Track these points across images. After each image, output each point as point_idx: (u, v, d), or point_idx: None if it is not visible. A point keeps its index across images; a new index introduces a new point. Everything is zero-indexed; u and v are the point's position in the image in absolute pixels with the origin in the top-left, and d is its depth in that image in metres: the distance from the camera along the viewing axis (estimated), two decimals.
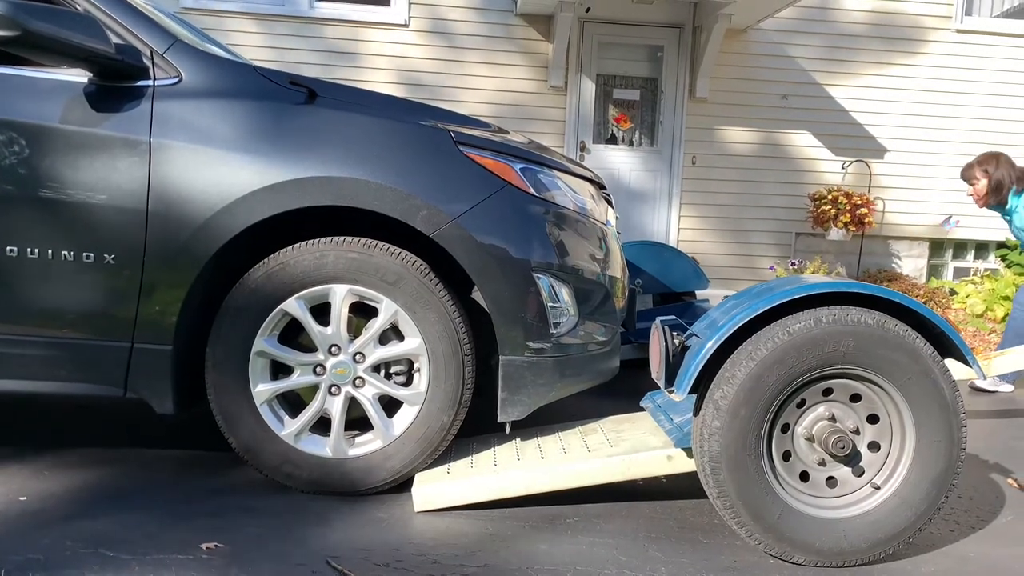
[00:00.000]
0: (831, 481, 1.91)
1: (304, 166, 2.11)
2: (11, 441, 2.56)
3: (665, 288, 3.98)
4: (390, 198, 2.14)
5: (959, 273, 7.30)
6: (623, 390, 3.42)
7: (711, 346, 1.83)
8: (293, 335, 2.21)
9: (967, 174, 4.06)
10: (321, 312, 2.17)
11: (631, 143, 6.88)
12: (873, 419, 1.91)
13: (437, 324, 2.17)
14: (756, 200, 6.91)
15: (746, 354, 1.82)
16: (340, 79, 5.98)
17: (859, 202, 6.54)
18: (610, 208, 2.84)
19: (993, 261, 7.32)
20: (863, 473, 1.91)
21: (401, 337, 2.21)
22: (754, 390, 1.81)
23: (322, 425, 2.22)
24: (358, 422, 2.23)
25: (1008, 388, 4.14)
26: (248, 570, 1.75)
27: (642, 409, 2.65)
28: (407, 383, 2.25)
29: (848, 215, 6.50)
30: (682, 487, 2.38)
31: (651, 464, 2.13)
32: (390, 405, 2.24)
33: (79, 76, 2.08)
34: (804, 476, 1.91)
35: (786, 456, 1.90)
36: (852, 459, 1.90)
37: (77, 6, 2.10)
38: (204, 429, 2.76)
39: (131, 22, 2.13)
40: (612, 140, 6.85)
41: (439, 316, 2.17)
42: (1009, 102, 7.08)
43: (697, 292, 4.14)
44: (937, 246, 7.29)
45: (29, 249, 2.05)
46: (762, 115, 6.84)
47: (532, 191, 2.28)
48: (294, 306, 2.15)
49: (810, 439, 1.89)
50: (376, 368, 2.22)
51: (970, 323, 5.96)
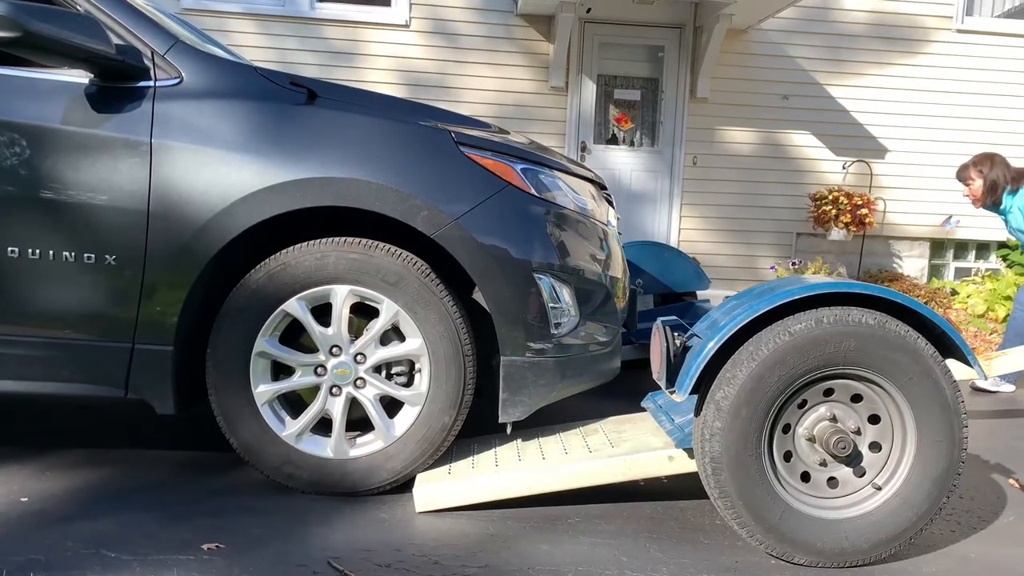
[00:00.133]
0: (832, 482, 1.91)
1: (305, 167, 2.11)
2: (12, 441, 2.56)
3: (666, 288, 3.98)
4: (391, 199, 2.14)
5: (960, 273, 7.30)
6: (624, 391, 3.42)
7: (712, 346, 1.83)
8: (294, 336, 2.21)
9: (962, 175, 4.08)
10: (322, 313, 2.17)
11: (632, 143, 6.88)
12: (874, 419, 1.90)
13: (438, 325, 2.17)
14: (757, 200, 6.91)
15: (747, 354, 1.82)
16: (340, 80, 5.98)
17: (860, 202, 6.54)
18: (611, 208, 2.84)
19: (994, 261, 7.32)
20: (864, 474, 1.91)
21: (402, 338, 2.21)
22: (755, 390, 1.81)
23: (323, 426, 2.22)
24: (359, 423, 2.24)
25: (1009, 388, 4.13)
26: (249, 570, 1.75)
27: (643, 410, 2.65)
28: (408, 384, 2.25)
29: (849, 215, 6.50)
30: (683, 488, 2.38)
31: (652, 464, 2.13)
32: (391, 406, 2.24)
33: (80, 77, 2.09)
34: (805, 476, 1.91)
35: (787, 456, 1.90)
36: (853, 460, 1.90)
37: (78, 7, 2.10)
38: (205, 430, 2.77)
39: (132, 23, 2.14)
40: (613, 140, 6.85)
41: (440, 317, 2.17)
42: (1010, 102, 7.07)
43: (698, 292, 4.14)
44: (938, 246, 7.29)
45: (30, 250, 2.05)
46: (763, 115, 6.84)
47: (533, 192, 2.28)
48: (295, 307, 2.15)
49: (811, 439, 1.89)
50: (377, 369, 2.22)
51: (971, 323, 5.95)
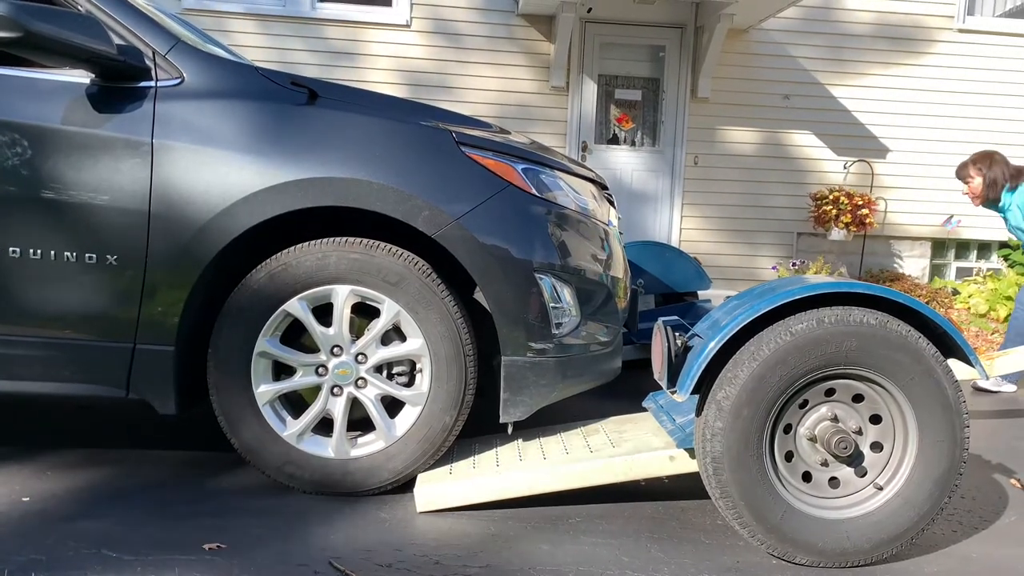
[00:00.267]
0: (834, 482, 1.91)
1: (306, 167, 2.11)
2: (14, 442, 2.56)
3: (667, 288, 3.98)
4: (392, 199, 2.14)
5: (962, 273, 7.29)
6: (625, 391, 3.42)
7: (713, 346, 1.83)
8: (295, 336, 2.21)
9: (962, 173, 4.08)
10: (323, 313, 2.17)
11: (633, 143, 6.87)
12: (876, 419, 1.90)
13: (439, 325, 2.17)
14: (758, 200, 6.90)
15: (749, 354, 1.81)
16: (341, 80, 5.98)
17: (860, 202, 6.53)
18: (612, 208, 2.84)
19: (996, 261, 7.31)
20: (866, 474, 1.90)
21: (403, 338, 2.21)
22: (757, 390, 1.81)
23: (324, 426, 2.22)
24: (360, 423, 2.24)
25: (1011, 388, 4.13)
26: (250, 570, 1.75)
27: (644, 410, 2.65)
28: (409, 384, 2.25)
29: (849, 215, 6.49)
30: (684, 488, 2.38)
31: (653, 465, 2.13)
32: (392, 406, 2.24)
33: (81, 77, 2.09)
34: (807, 476, 1.91)
35: (788, 457, 1.90)
36: (855, 459, 1.90)
37: (79, 7, 2.10)
38: (206, 430, 2.77)
39: (133, 23, 2.14)
40: (614, 140, 6.84)
41: (441, 317, 2.17)
42: (1011, 101, 7.06)
43: (699, 292, 4.14)
44: (939, 246, 7.28)
45: (32, 250, 2.06)
46: (764, 115, 6.84)
47: (534, 192, 2.28)
48: (296, 307, 2.15)
49: (813, 439, 1.89)
50: (378, 369, 2.22)
51: (973, 323, 5.95)
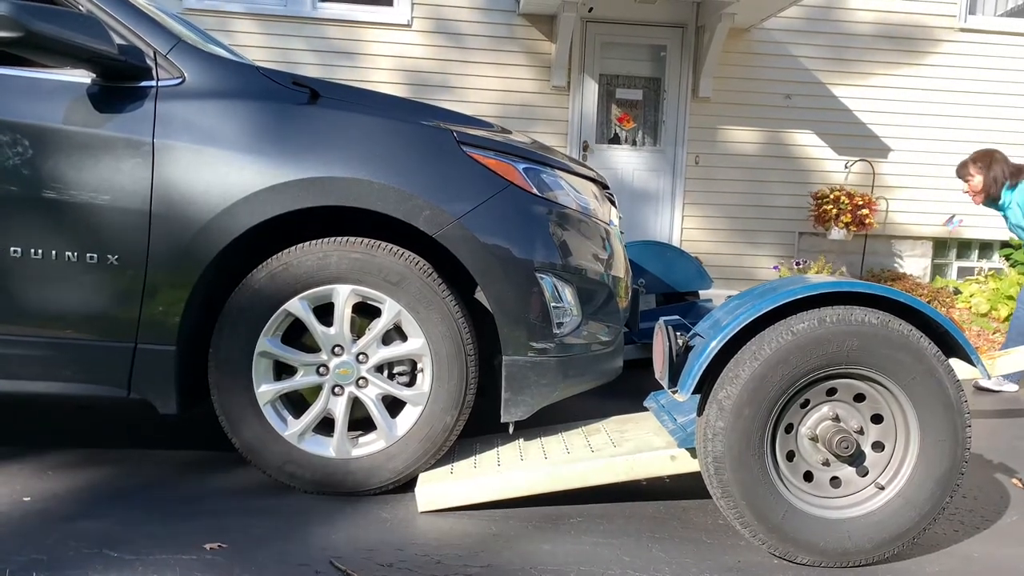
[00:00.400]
0: (835, 481, 1.91)
1: (307, 166, 2.11)
2: (14, 441, 2.57)
3: (668, 288, 3.98)
4: (393, 198, 2.14)
5: (963, 272, 7.29)
6: (626, 390, 3.42)
7: (715, 346, 1.83)
8: (296, 335, 2.21)
9: (962, 171, 4.08)
10: (324, 312, 2.17)
11: (634, 143, 6.87)
12: (877, 419, 1.90)
13: (440, 324, 2.17)
14: (759, 200, 6.90)
15: (750, 354, 1.81)
16: (343, 79, 5.98)
17: (860, 202, 6.52)
18: (613, 208, 2.84)
19: (997, 260, 7.30)
20: (867, 473, 1.90)
21: (404, 337, 2.21)
22: (758, 390, 1.80)
23: (325, 425, 2.22)
24: (361, 422, 2.23)
25: (1012, 387, 4.13)
26: (251, 570, 1.75)
27: (646, 409, 2.64)
28: (410, 383, 2.25)
29: (849, 215, 6.48)
30: (686, 487, 2.38)
31: (655, 464, 2.13)
32: (393, 405, 2.24)
33: (82, 77, 2.09)
34: (808, 476, 1.90)
35: (790, 456, 1.90)
36: (856, 459, 1.89)
37: (80, 7, 2.10)
38: (207, 429, 2.77)
39: (134, 23, 2.14)
40: (615, 140, 6.84)
41: (442, 316, 2.17)
42: (1013, 100, 7.06)
43: (700, 292, 4.14)
44: (941, 245, 7.27)
45: (33, 250, 2.06)
46: (765, 115, 6.83)
47: (535, 191, 2.28)
48: (297, 306, 2.15)
49: (814, 439, 1.89)
50: (379, 368, 2.22)
51: (974, 322, 5.94)
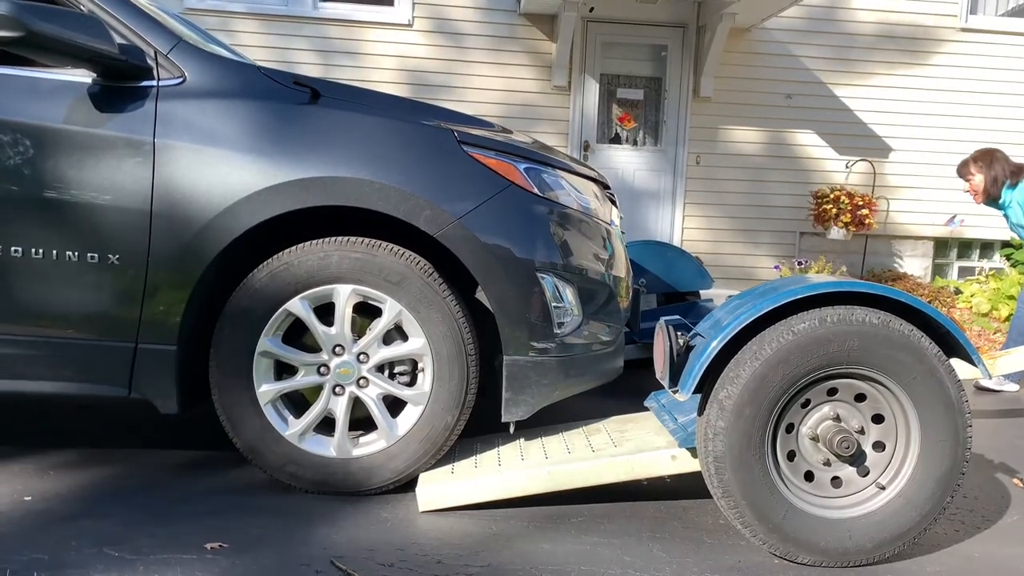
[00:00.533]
0: (836, 481, 1.90)
1: (307, 166, 2.11)
2: (15, 441, 2.57)
3: (669, 288, 3.97)
4: (393, 198, 2.13)
5: (964, 272, 7.28)
6: (627, 390, 3.41)
7: (715, 346, 1.83)
8: (297, 335, 2.21)
9: (963, 171, 4.09)
10: (325, 312, 2.17)
11: (635, 143, 6.87)
12: (878, 419, 1.90)
13: (441, 324, 2.17)
14: (760, 200, 6.89)
15: (751, 354, 1.81)
16: (344, 79, 5.98)
17: (860, 203, 6.52)
18: (614, 208, 2.84)
19: (998, 260, 7.30)
20: (868, 473, 1.90)
21: (405, 337, 2.21)
22: (759, 390, 1.80)
23: (326, 425, 2.22)
24: (362, 422, 2.23)
25: (1013, 387, 4.12)
26: (252, 570, 1.75)
27: (646, 409, 2.64)
28: (411, 383, 2.25)
29: (849, 215, 6.48)
30: (686, 487, 2.38)
31: (655, 464, 2.13)
32: (394, 405, 2.23)
33: (83, 76, 2.09)
34: (809, 476, 1.90)
35: (791, 456, 1.90)
36: (857, 459, 1.89)
37: (81, 7, 2.10)
38: (208, 429, 2.77)
39: (135, 22, 2.14)
40: (616, 140, 6.84)
41: (443, 316, 2.17)
42: (1014, 100, 7.05)
43: (701, 292, 4.13)
44: (942, 245, 7.27)
45: (34, 250, 2.06)
46: (766, 114, 6.83)
47: (536, 191, 2.28)
48: (298, 306, 2.15)
49: (815, 439, 1.89)
50: (380, 368, 2.22)
51: (975, 322, 5.94)
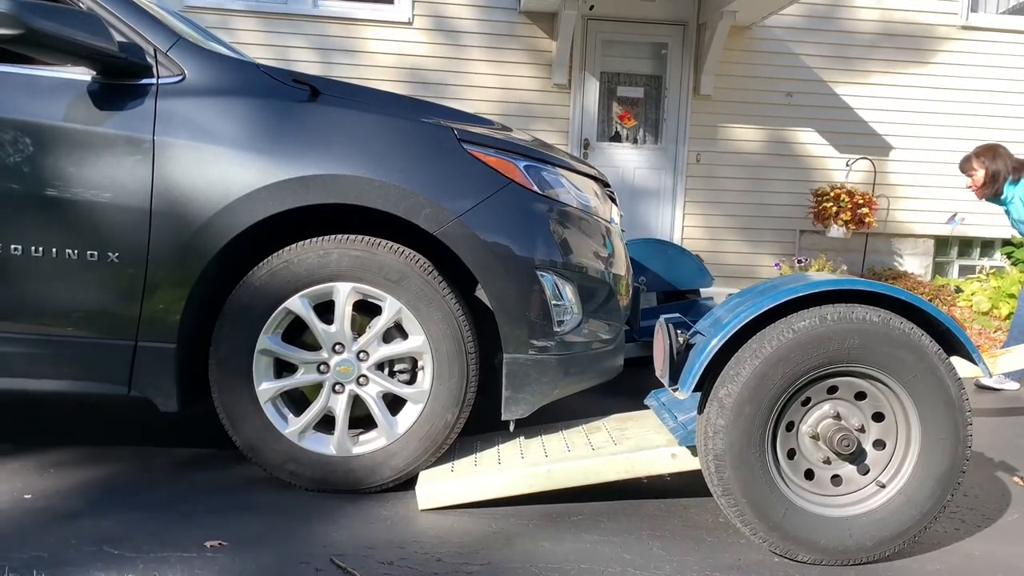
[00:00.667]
0: (836, 479, 1.90)
1: (307, 164, 2.11)
2: (15, 439, 2.57)
3: (669, 286, 3.97)
4: (393, 196, 2.13)
5: (964, 271, 7.28)
6: (627, 388, 3.41)
7: (715, 344, 1.82)
8: (297, 333, 2.21)
9: (965, 166, 4.08)
10: (325, 310, 2.17)
11: (635, 141, 6.86)
12: (878, 417, 1.90)
13: (441, 322, 2.17)
14: (761, 198, 6.89)
15: (751, 352, 1.81)
16: (343, 77, 5.98)
17: (860, 201, 6.52)
18: (614, 206, 2.84)
19: (999, 259, 7.29)
20: (868, 471, 1.90)
21: (405, 335, 2.21)
22: (759, 388, 1.80)
23: (326, 423, 2.22)
24: (362, 420, 2.23)
25: (1014, 386, 4.12)
26: (251, 568, 1.75)
27: (646, 407, 2.64)
28: (411, 381, 2.24)
29: (849, 213, 6.48)
30: (686, 485, 2.38)
31: (655, 462, 2.13)
32: (394, 403, 2.23)
33: (83, 74, 2.08)
34: (809, 474, 1.90)
35: (791, 454, 1.90)
36: (857, 457, 1.89)
37: (81, 4, 2.10)
38: (208, 427, 2.77)
39: (135, 20, 2.13)
40: (616, 138, 6.84)
41: (443, 314, 2.17)
42: (1014, 98, 7.04)
43: (701, 290, 4.13)
44: (942, 244, 7.27)
45: (33, 248, 2.05)
46: (767, 113, 6.82)
47: (536, 189, 2.28)
48: (298, 304, 2.15)
49: (815, 437, 1.88)
50: (380, 366, 2.22)
51: (975, 321, 5.94)
